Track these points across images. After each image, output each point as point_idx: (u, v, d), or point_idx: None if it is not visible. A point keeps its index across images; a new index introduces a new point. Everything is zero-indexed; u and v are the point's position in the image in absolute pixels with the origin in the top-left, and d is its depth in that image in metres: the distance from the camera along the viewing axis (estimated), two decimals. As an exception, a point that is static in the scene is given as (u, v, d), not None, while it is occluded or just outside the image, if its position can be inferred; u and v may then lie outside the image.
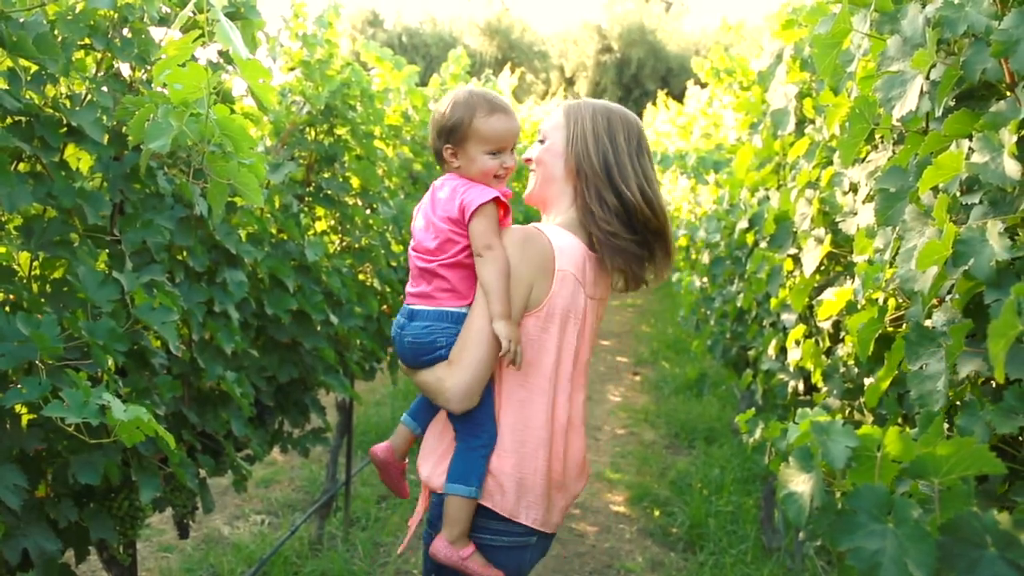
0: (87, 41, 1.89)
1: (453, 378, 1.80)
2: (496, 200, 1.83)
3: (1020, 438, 1.25)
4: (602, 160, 1.91)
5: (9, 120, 1.75)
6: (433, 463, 1.93)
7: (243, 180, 1.64)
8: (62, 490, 1.86)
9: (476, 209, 1.80)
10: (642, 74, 32.03)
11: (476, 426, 1.86)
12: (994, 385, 1.30)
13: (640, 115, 25.59)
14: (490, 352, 1.80)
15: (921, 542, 0.93)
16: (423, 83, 5.49)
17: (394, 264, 4.02)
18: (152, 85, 1.62)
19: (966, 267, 1.18)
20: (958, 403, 1.31)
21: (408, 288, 1.93)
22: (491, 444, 1.86)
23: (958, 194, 1.32)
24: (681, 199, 7.36)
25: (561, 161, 1.96)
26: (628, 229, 1.91)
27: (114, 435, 1.56)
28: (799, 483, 1.06)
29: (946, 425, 1.34)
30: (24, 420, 1.76)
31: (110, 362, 1.83)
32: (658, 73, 31.86)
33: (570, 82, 34.20)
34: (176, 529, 2.63)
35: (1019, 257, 1.18)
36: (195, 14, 1.48)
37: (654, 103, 15.46)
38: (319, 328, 3.05)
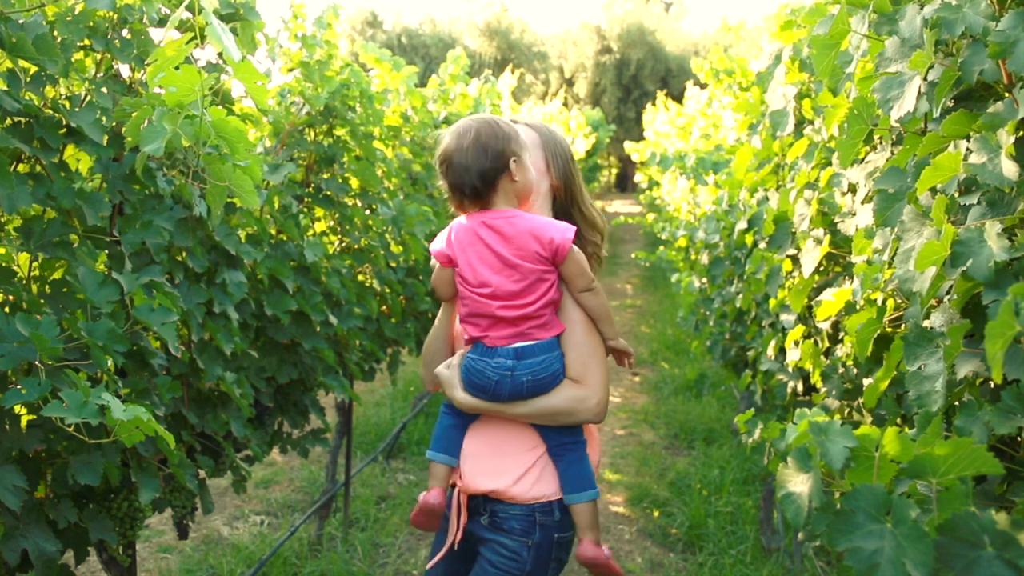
0: (87, 42, 1.89)
1: (596, 395, 1.97)
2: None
3: (1019, 438, 1.25)
4: (575, 181, 2.15)
5: (9, 121, 1.75)
6: (517, 476, 2.00)
7: (238, 182, 1.65)
8: (61, 491, 1.86)
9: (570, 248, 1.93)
10: (641, 75, 32.01)
11: (579, 433, 2.01)
12: (992, 385, 1.30)
13: (639, 116, 25.55)
14: (607, 368, 2.03)
15: (919, 542, 0.93)
16: (422, 84, 5.49)
17: (393, 265, 4.02)
18: (149, 87, 1.62)
19: (964, 268, 1.19)
20: (956, 403, 1.32)
21: (489, 333, 1.95)
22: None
23: (956, 195, 1.33)
24: (680, 200, 7.36)
25: (547, 180, 2.11)
26: (597, 236, 2.16)
27: (114, 435, 1.56)
28: (797, 483, 1.06)
29: (945, 425, 1.34)
30: (24, 421, 1.77)
31: (109, 363, 1.83)
32: (657, 74, 31.84)
33: (569, 83, 34.19)
34: (176, 530, 2.64)
35: (1017, 258, 1.18)
36: (192, 15, 1.48)
37: (653, 103, 15.47)
38: (318, 329, 3.05)
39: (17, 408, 1.73)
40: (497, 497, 2.00)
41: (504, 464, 2.00)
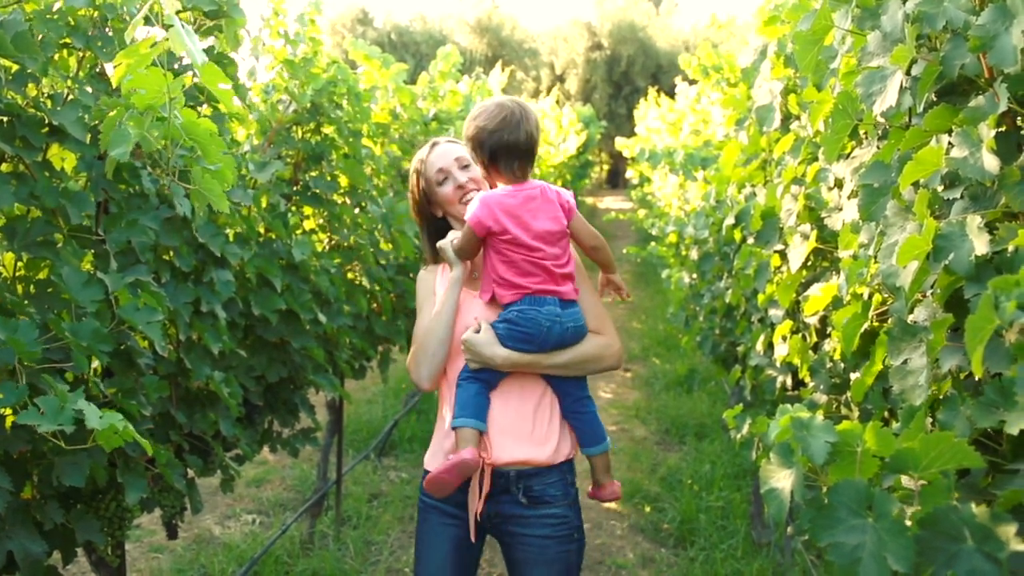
0: (67, 40, 1.88)
1: (617, 342, 2.22)
2: None
3: (1001, 432, 1.26)
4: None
5: (-10, 120, 1.74)
6: (550, 442, 2.13)
7: (208, 186, 1.63)
8: (48, 492, 1.85)
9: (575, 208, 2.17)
10: (632, 71, 32.03)
11: (587, 386, 2.23)
12: (976, 379, 1.30)
13: (630, 112, 25.54)
14: None
15: (900, 536, 0.93)
16: (413, 81, 5.47)
17: (383, 262, 4.01)
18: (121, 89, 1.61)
19: (946, 262, 1.19)
20: (940, 397, 1.32)
21: (544, 285, 2.10)
22: None
23: (939, 189, 1.33)
24: (670, 196, 7.36)
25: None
26: None
27: (91, 441, 1.54)
28: (780, 479, 1.06)
29: (929, 420, 1.34)
30: (8, 422, 1.76)
31: (95, 363, 1.82)
32: (648, 70, 31.86)
33: (560, 79, 34.17)
34: (165, 529, 2.63)
35: (998, 251, 1.19)
36: (154, 19, 1.46)
37: (645, 99, 15.47)
38: (308, 327, 3.04)
39: (2, 409, 1.72)
40: (530, 465, 2.09)
41: (535, 432, 2.11)
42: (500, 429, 2.09)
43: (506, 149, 2.07)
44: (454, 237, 2.18)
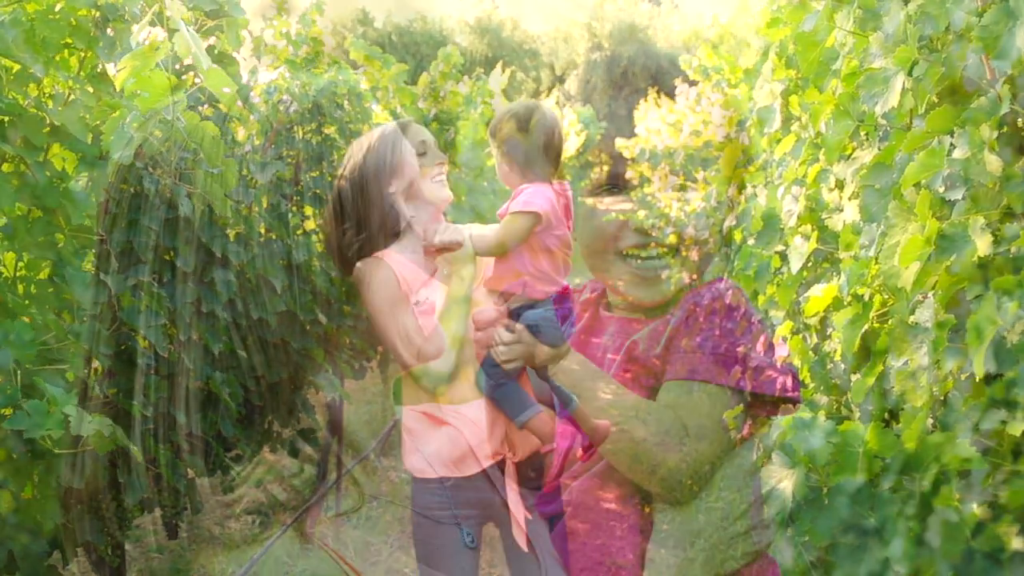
0: (68, 40, 1.88)
1: None
2: None
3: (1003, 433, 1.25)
4: None
5: (-8, 120, 1.73)
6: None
7: (210, 190, 1.63)
8: (48, 492, 1.85)
9: None
10: (632, 72, 32.02)
11: None
12: (977, 380, 1.30)
13: (631, 112, 25.54)
14: None
15: (901, 537, 0.93)
16: (413, 81, 5.47)
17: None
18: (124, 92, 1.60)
19: (948, 263, 1.19)
20: (942, 398, 1.32)
21: (563, 279, 2.12)
22: None
23: (941, 190, 1.33)
24: (670, 196, 7.35)
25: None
26: None
27: (81, 444, 1.54)
28: (782, 479, 1.06)
29: (930, 421, 1.34)
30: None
31: (95, 364, 1.82)
32: (648, 71, 31.80)
33: (560, 80, 34.16)
34: (165, 530, 2.63)
35: (1000, 252, 1.19)
36: (160, 26, 1.46)
37: (645, 100, 15.45)
38: (308, 328, 3.04)
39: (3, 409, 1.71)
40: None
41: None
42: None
43: (541, 149, 2.07)
44: (457, 231, 2.07)
